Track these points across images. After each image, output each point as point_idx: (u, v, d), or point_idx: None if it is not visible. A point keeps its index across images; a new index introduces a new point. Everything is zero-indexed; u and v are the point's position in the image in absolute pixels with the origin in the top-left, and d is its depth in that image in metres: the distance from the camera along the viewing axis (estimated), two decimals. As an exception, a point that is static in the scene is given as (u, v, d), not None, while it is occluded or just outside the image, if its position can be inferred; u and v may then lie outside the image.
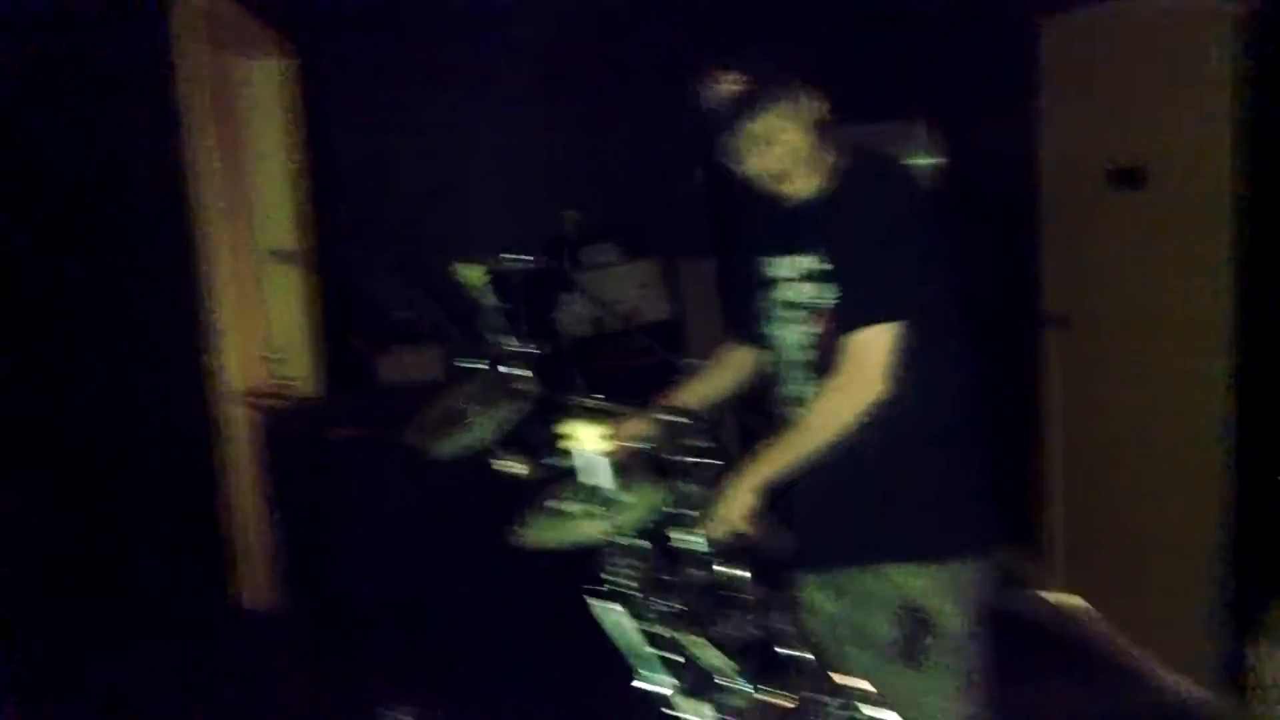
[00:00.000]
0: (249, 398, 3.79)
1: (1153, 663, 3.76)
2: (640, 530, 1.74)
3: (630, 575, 1.60)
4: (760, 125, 2.11)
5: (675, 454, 2.10)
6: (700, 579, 1.94)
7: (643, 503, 1.75)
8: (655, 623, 1.65)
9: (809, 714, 1.78)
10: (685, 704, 1.69)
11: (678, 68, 2.32)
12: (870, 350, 2.05)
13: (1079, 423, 4.27)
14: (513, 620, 3.70)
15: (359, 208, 5.38)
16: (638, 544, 1.82)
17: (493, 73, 5.42)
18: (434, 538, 3.76)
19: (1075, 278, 4.20)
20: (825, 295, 2.17)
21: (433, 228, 5.24)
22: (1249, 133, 3.15)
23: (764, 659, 1.80)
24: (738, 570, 1.94)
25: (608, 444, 1.52)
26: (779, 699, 1.74)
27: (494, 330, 2.43)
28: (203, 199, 3.36)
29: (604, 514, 1.54)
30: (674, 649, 1.66)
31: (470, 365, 2.53)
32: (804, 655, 1.81)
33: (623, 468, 1.90)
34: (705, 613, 1.87)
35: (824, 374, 2.14)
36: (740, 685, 1.67)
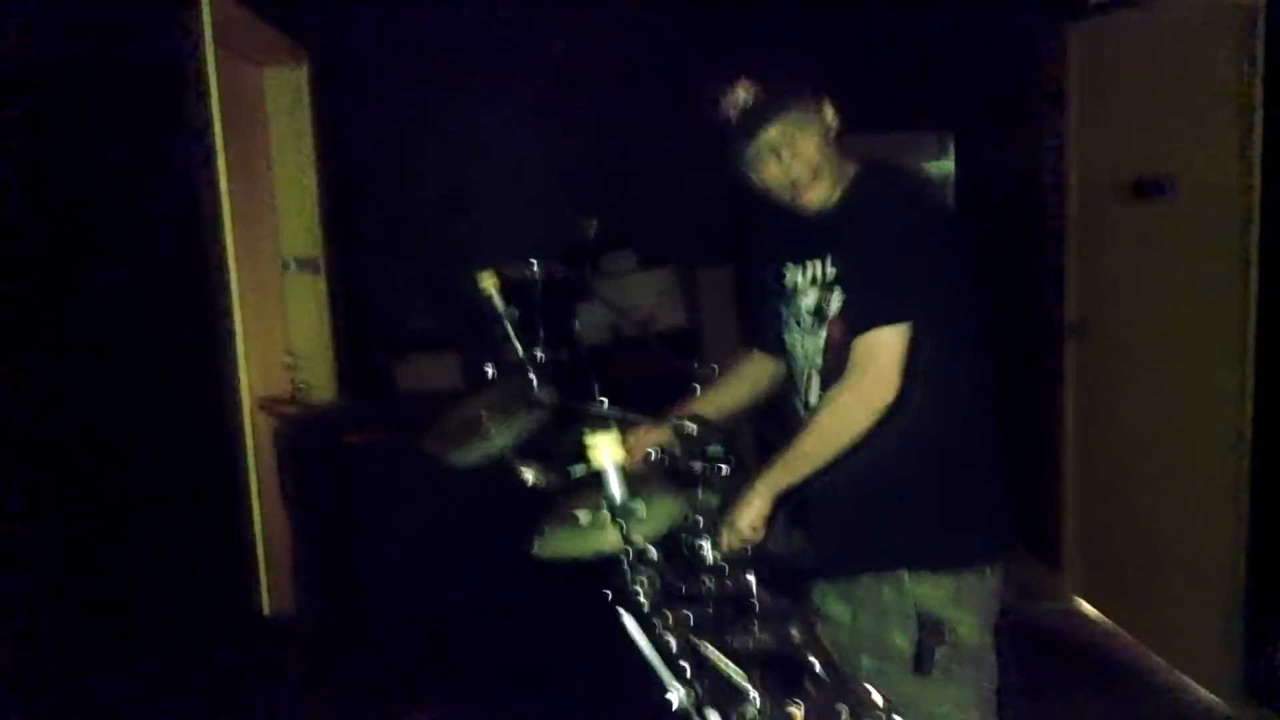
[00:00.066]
0: (268, 404, 3.82)
1: (1170, 672, 3.75)
2: (657, 540, 1.74)
3: (646, 585, 1.60)
4: (775, 134, 2.12)
5: (692, 463, 2.11)
6: (716, 588, 1.94)
7: (659, 513, 1.75)
8: (670, 632, 1.64)
9: (824, 724, 1.78)
10: (700, 714, 1.69)
11: (696, 76, 2.33)
12: (878, 352, 2.04)
13: (1098, 431, 4.25)
14: (529, 629, 3.71)
15: (378, 216, 5.41)
16: (654, 554, 1.82)
17: (511, 80, 5.44)
18: (451, 545, 3.78)
19: (1097, 287, 4.19)
20: (836, 302, 2.17)
21: (451, 235, 5.28)
22: (1274, 144, 3.14)
23: (779, 669, 1.80)
24: (752, 579, 1.94)
25: (625, 454, 1.52)
26: (794, 709, 1.74)
27: (512, 338, 2.44)
28: (224, 207, 3.39)
29: (620, 524, 1.54)
30: (689, 659, 1.65)
31: (488, 373, 2.54)
32: (819, 665, 1.81)
33: (639, 478, 1.90)
34: (720, 622, 1.87)
35: (835, 379, 2.15)
36: (755, 695, 1.67)
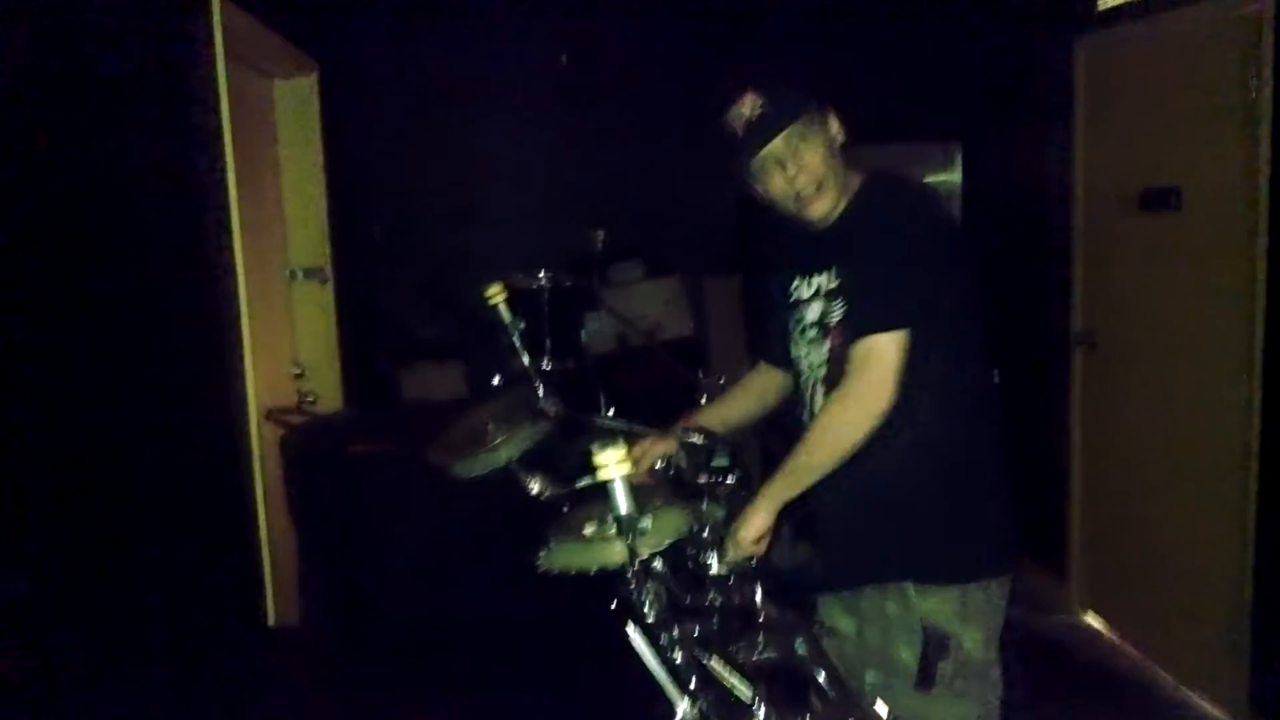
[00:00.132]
0: (275, 415, 3.82)
1: (1176, 687, 3.73)
2: (662, 553, 1.74)
3: (651, 598, 1.60)
4: (780, 147, 2.12)
5: (698, 475, 2.11)
6: (721, 601, 1.94)
7: (665, 525, 1.76)
8: (676, 645, 1.64)
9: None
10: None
11: (702, 88, 2.34)
12: (874, 358, 2.03)
13: (1104, 443, 4.24)
14: (534, 640, 3.71)
15: (386, 226, 5.42)
16: (659, 567, 1.82)
17: (518, 91, 5.46)
18: (457, 556, 3.78)
19: (1103, 298, 4.18)
20: (839, 313, 2.17)
21: (458, 245, 5.29)
22: None
23: (784, 683, 1.80)
24: (758, 592, 1.94)
25: (631, 466, 1.52)
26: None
27: (518, 349, 2.44)
28: (232, 217, 3.40)
29: (626, 537, 1.54)
30: (694, 672, 1.65)
31: (494, 383, 2.54)
32: (824, 679, 1.80)
33: (646, 490, 1.91)
34: (726, 635, 1.87)
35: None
36: (760, 709, 1.66)
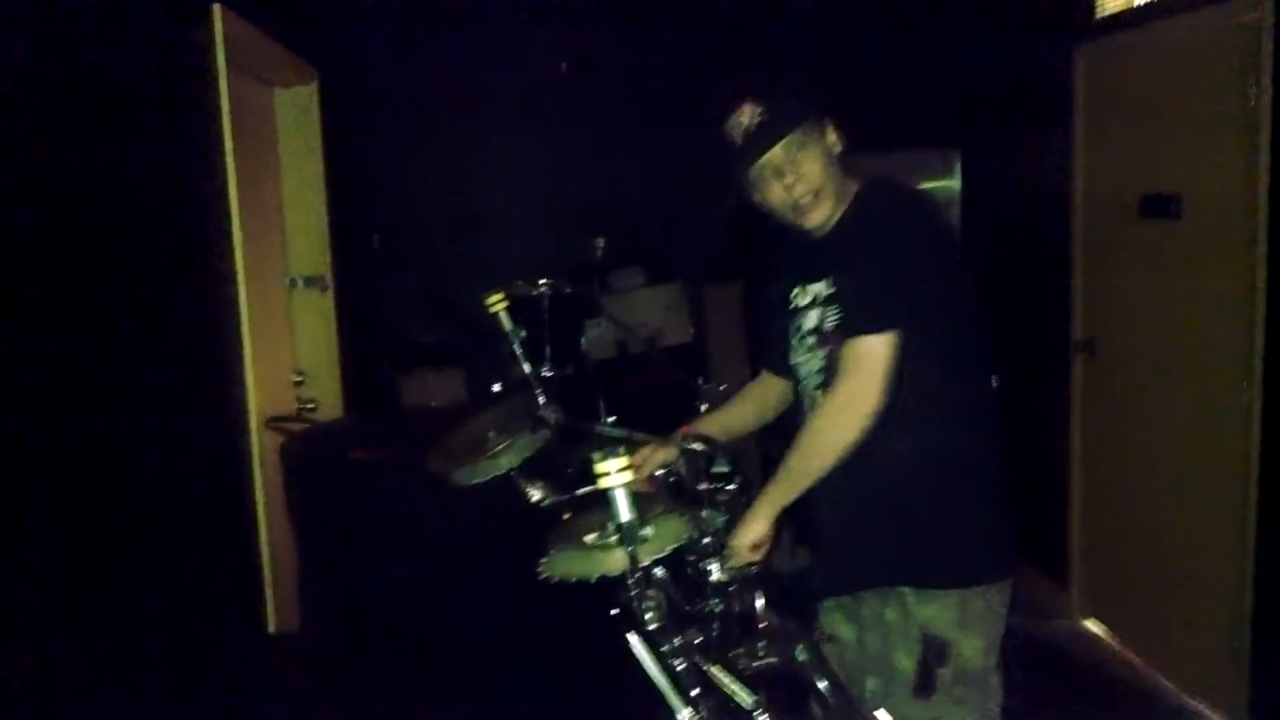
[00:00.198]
0: (276, 423, 3.82)
1: (1177, 694, 3.73)
2: (663, 560, 1.74)
3: (652, 605, 1.61)
4: (778, 156, 2.13)
5: (698, 483, 2.11)
6: (721, 609, 1.94)
7: (666, 533, 1.76)
8: (677, 653, 1.65)
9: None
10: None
11: (703, 96, 2.34)
12: (862, 360, 2.03)
13: (1105, 449, 4.24)
14: (534, 648, 3.70)
15: (386, 234, 5.43)
16: (660, 574, 1.82)
17: (519, 99, 5.47)
18: (457, 563, 3.77)
19: (1103, 305, 4.19)
20: (833, 320, 2.18)
21: (459, 253, 5.30)
22: None
23: (785, 690, 1.80)
24: (759, 599, 1.94)
25: (631, 473, 1.52)
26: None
27: (519, 358, 2.44)
28: (233, 225, 3.41)
29: (627, 544, 1.54)
30: (695, 679, 1.66)
31: (495, 391, 2.55)
32: (825, 686, 1.81)
33: (646, 497, 1.91)
34: (727, 642, 1.88)
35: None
36: (761, 716, 1.67)
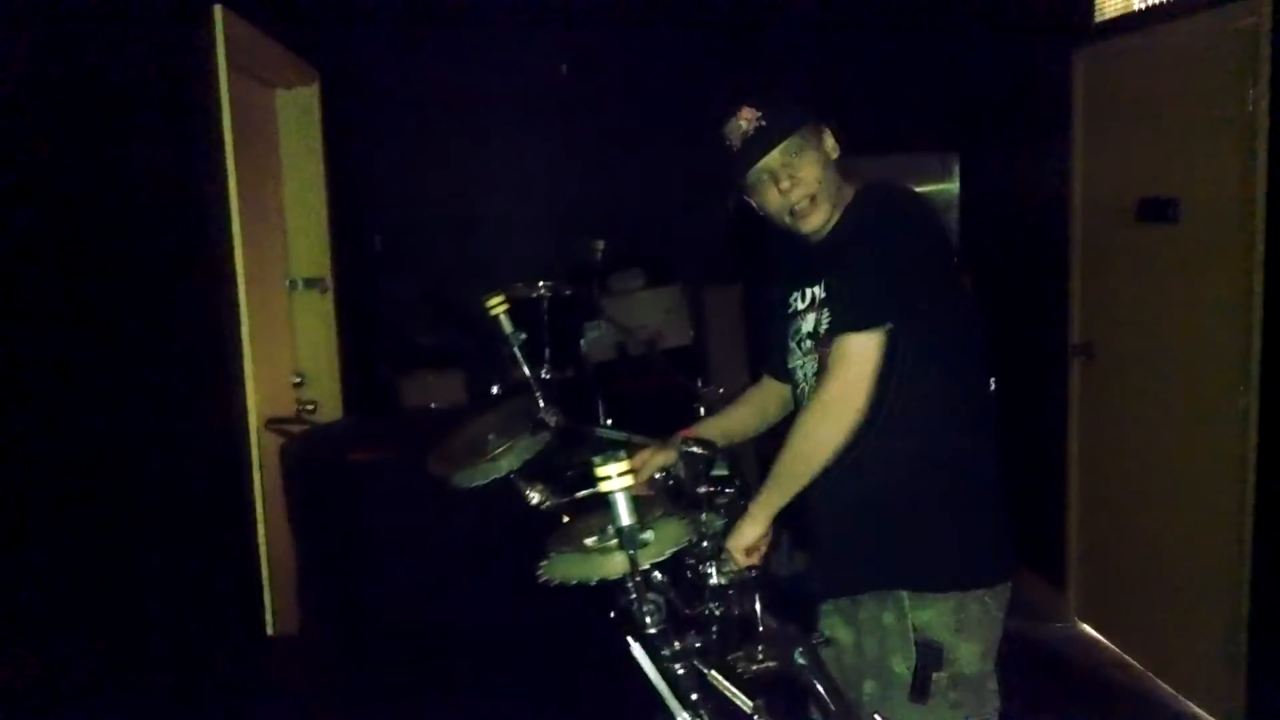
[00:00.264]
0: (275, 425, 3.82)
1: (1175, 698, 3.73)
2: (662, 564, 1.73)
3: (652, 609, 1.60)
4: (775, 161, 2.12)
5: (697, 486, 2.10)
6: (721, 612, 1.93)
7: (666, 536, 1.75)
8: (675, 657, 1.64)
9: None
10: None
11: (703, 99, 2.34)
12: (849, 358, 2.03)
13: (1102, 453, 4.24)
14: (534, 651, 3.69)
15: (386, 235, 5.43)
16: (659, 578, 1.81)
17: (519, 101, 5.47)
18: (456, 566, 3.76)
19: (1101, 309, 4.18)
20: (826, 322, 2.17)
21: (459, 254, 5.30)
22: (1278, 166, 3.14)
23: (784, 694, 1.80)
24: (758, 603, 1.94)
25: (630, 477, 1.51)
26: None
27: (519, 361, 2.43)
28: (234, 227, 3.41)
29: (626, 548, 1.54)
30: (694, 683, 1.65)
31: (495, 393, 2.54)
32: (824, 690, 1.80)
33: (645, 501, 1.90)
34: (725, 647, 1.87)
35: None
36: (760, 721, 1.66)
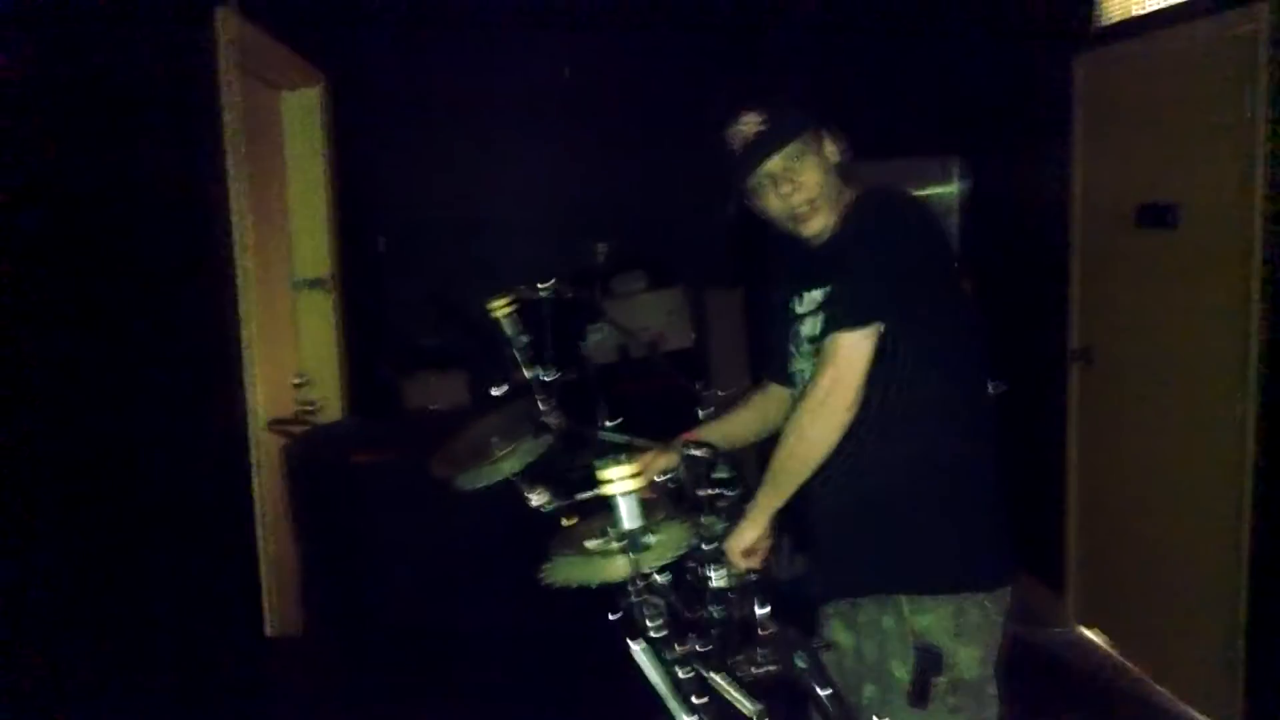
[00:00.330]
0: (277, 426, 3.82)
1: (1173, 701, 3.73)
2: (664, 567, 1.74)
3: (654, 612, 1.61)
4: (776, 166, 2.13)
5: (700, 490, 2.11)
6: (722, 616, 1.94)
7: (668, 540, 1.76)
8: (677, 659, 1.65)
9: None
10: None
11: (706, 102, 2.34)
12: (840, 356, 2.02)
13: (1101, 458, 4.24)
14: (536, 653, 3.70)
15: (390, 237, 5.44)
16: (661, 581, 1.82)
17: (523, 104, 5.48)
18: (458, 568, 3.77)
19: (1100, 314, 4.19)
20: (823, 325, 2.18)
21: (462, 256, 5.31)
22: (1277, 172, 3.14)
23: (785, 697, 1.80)
24: (759, 606, 1.94)
25: (633, 480, 1.52)
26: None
27: (521, 364, 2.44)
28: (238, 227, 3.41)
29: (629, 552, 1.54)
30: (696, 686, 1.66)
31: (497, 395, 2.54)
32: (824, 694, 1.81)
33: (648, 504, 1.91)
34: (727, 649, 1.87)
35: None
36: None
